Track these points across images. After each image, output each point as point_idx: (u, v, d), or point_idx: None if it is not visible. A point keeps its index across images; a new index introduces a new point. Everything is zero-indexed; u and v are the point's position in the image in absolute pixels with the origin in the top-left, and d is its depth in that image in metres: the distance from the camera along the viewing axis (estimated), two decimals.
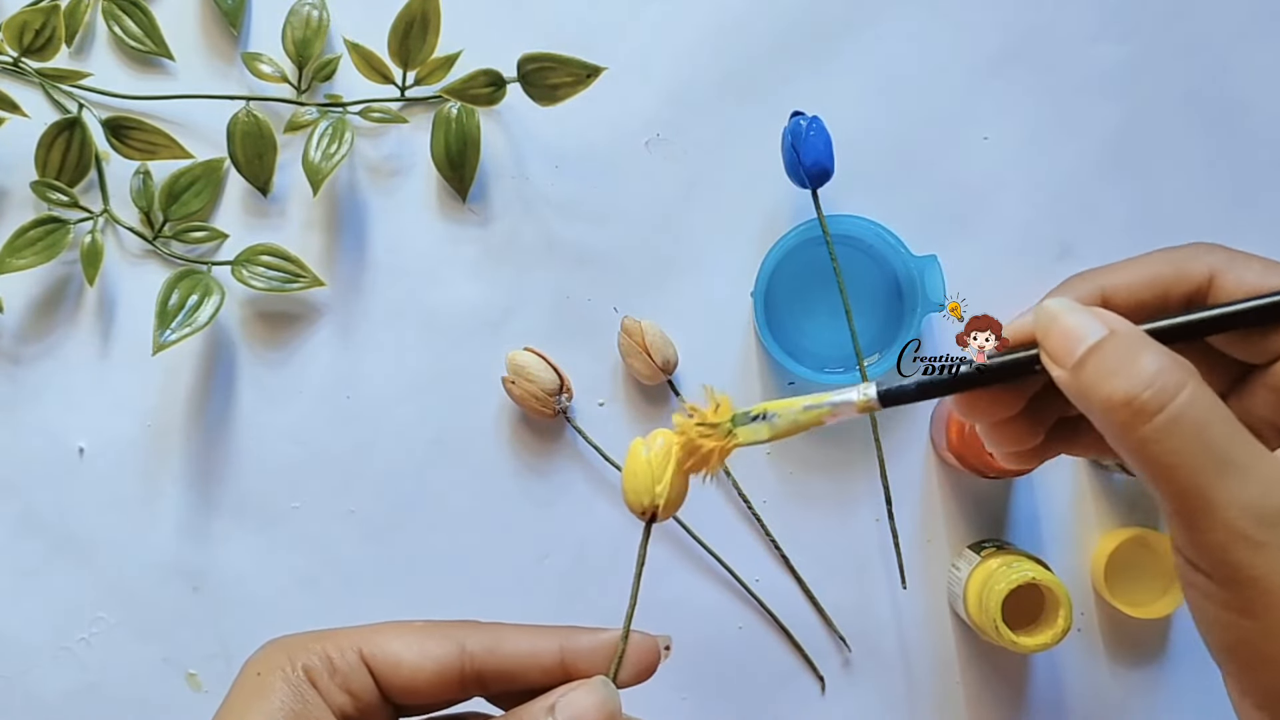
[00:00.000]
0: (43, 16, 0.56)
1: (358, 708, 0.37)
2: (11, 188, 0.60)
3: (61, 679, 0.59)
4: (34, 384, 0.59)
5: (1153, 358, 0.31)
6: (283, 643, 0.38)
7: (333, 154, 0.56)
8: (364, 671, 0.38)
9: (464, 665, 0.38)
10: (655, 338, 0.57)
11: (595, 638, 0.39)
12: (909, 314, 0.56)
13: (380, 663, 0.38)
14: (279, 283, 0.58)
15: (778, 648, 0.59)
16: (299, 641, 0.38)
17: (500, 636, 0.39)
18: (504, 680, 0.38)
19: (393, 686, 0.38)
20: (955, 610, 0.58)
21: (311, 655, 0.37)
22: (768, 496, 0.59)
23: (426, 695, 0.38)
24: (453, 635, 0.39)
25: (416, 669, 0.38)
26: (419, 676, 0.38)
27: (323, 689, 0.37)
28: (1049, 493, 0.59)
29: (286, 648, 0.38)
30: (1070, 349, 0.33)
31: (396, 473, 0.59)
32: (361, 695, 0.38)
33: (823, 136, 0.54)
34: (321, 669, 0.37)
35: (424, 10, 0.56)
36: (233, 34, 0.60)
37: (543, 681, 0.38)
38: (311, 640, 0.38)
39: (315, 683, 0.37)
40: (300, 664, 0.37)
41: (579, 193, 0.60)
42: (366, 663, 0.38)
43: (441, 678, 0.38)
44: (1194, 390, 0.30)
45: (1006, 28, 0.60)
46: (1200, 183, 0.59)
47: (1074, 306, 0.35)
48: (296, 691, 0.36)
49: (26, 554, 0.59)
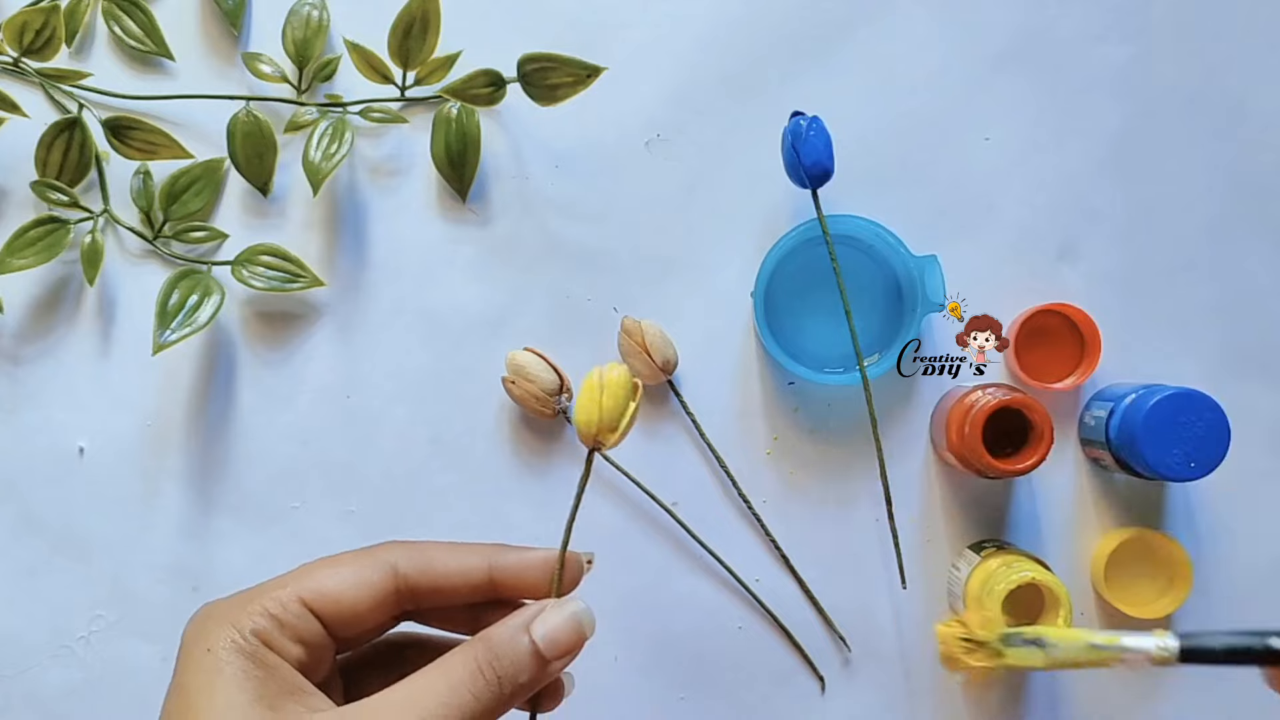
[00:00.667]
0: (43, 16, 0.56)
1: (310, 654, 0.37)
2: (11, 188, 0.60)
3: (61, 678, 0.59)
4: (34, 384, 0.59)
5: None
6: (217, 611, 0.37)
7: (333, 154, 0.56)
8: (309, 617, 0.37)
9: (398, 587, 0.39)
10: (655, 338, 0.57)
11: (521, 555, 0.40)
12: (909, 314, 0.56)
13: (322, 604, 0.38)
14: (279, 283, 0.58)
15: (778, 648, 0.59)
16: (235, 605, 0.37)
17: (430, 556, 0.39)
18: (435, 597, 0.39)
19: (335, 623, 0.38)
20: (955, 610, 0.58)
21: (256, 617, 0.37)
22: (768, 496, 0.59)
23: (367, 622, 0.39)
24: (383, 559, 0.39)
25: (356, 600, 0.38)
26: (359, 608, 0.38)
27: (278, 646, 0.36)
28: (1049, 493, 0.59)
29: (226, 616, 0.37)
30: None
31: (396, 473, 0.59)
32: (311, 641, 0.37)
33: (823, 136, 0.54)
34: (271, 628, 0.37)
35: (424, 10, 0.56)
36: (233, 34, 0.60)
37: (472, 598, 0.39)
38: (247, 601, 0.37)
39: (270, 643, 0.36)
40: (249, 630, 0.36)
41: (579, 193, 0.60)
42: (309, 607, 0.38)
43: (379, 604, 0.38)
44: None
45: (1007, 28, 0.60)
46: (1200, 183, 0.59)
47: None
48: (255, 659, 0.36)
49: (26, 554, 0.59)
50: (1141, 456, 0.52)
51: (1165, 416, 0.52)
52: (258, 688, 0.35)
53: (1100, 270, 0.59)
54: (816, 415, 0.59)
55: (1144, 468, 0.53)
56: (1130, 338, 0.59)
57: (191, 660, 0.36)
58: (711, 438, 0.59)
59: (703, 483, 0.59)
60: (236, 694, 0.35)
